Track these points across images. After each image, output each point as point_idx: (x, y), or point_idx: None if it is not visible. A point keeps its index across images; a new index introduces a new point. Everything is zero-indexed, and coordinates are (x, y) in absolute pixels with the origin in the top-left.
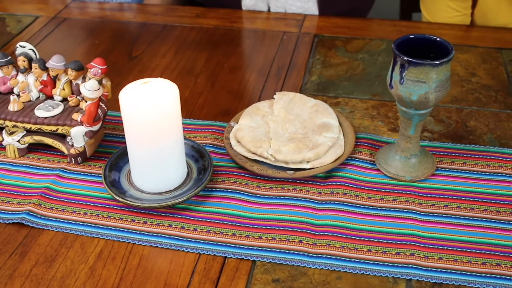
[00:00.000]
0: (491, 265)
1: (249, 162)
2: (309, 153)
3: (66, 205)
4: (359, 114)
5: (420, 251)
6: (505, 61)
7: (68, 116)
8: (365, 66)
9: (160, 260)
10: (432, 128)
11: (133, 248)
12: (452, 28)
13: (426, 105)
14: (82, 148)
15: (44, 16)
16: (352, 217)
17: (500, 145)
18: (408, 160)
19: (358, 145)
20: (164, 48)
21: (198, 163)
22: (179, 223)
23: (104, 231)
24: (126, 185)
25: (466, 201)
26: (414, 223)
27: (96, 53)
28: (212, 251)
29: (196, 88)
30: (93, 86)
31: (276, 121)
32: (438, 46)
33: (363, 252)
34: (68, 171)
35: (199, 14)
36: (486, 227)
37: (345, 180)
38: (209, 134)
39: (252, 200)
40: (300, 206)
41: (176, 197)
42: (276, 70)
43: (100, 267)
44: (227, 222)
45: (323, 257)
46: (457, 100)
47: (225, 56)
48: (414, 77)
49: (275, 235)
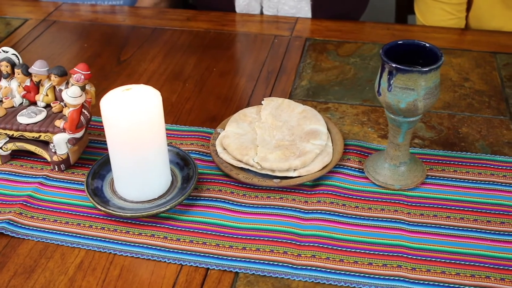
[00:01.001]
0: (480, 277)
1: (235, 170)
2: (296, 161)
3: (47, 213)
4: (349, 120)
5: (408, 263)
6: (499, 66)
7: (51, 122)
8: (356, 71)
9: (141, 271)
10: (423, 135)
11: (114, 258)
12: (446, 32)
13: (415, 113)
14: (65, 155)
15: (34, 19)
16: (339, 227)
17: (492, 152)
18: (397, 168)
19: (346, 152)
20: (153, 52)
21: (183, 171)
22: (161, 233)
23: (85, 241)
24: (109, 193)
25: (456, 210)
26: (402, 233)
27: (84, 57)
28: (195, 262)
29: (184, 93)
30: (75, 92)
31: (263, 127)
32: (427, 52)
33: (349, 263)
34: (51, 179)
35: (190, 17)
36: (476, 238)
37: (333, 188)
38: (195, 141)
39: (237, 209)
40: (286, 215)
41: (160, 206)
42: (266, 75)
43: (80, 278)
44: (210, 232)
45: (308, 269)
46: (449, 106)
47: (214, 60)
48: (402, 84)
49: (259, 245)
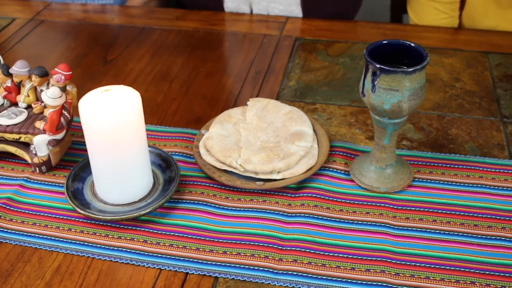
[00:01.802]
0: (465, 283)
1: (218, 172)
2: (280, 163)
3: (27, 216)
4: (336, 121)
5: (391, 268)
6: (491, 66)
7: (31, 124)
8: (345, 71)
9: (119, 275)
10: (412, 136)
11: (93, 262)
12: (438, 31)
13: (400, 114)
14: (46, 157)
15: (22, 18)
16: (322, 231)
17: (482, 154)
18: (383, 171)
19: (333, 154)
20: (141, 51)
21: (165, 173)
22: (141, 236)
23: (64, 244)
24: (89, 196)
25: (443, 214)
26: (386, 237)
27: (70, 57)
28: (174, 267)
29: (170, 93)
30: (55, 93)
31: (248, 129)
32: (413, 52)
33: (331, 268)
34: (32, 181)
35: (180, 16)
36: (462, 242)
37: (317, 191)
38: (180, 142)
39: (219, 213)
40: (269, 219)
41: (140, 209)
42: (254, 75)
43: (56, 283)
44: (191, 236)
45: (289, 273)
46: (439, 107)
47: (202, 61)
48: (386, 85)
49: (240, 249)
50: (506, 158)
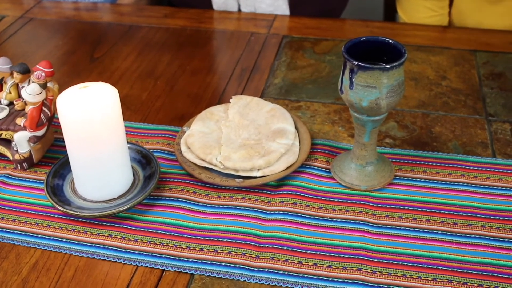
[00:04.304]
0: (442, 281)
1: (198, 169)
2: (260, 160)
3: (6, 213)
4: (320, 119)
5: (368, 266)
6: (478, 64)
7: (12, 120)
8: (331, 69)
9: (95, 272)
10: (395, 134)
11: (70, 259)
12: (426, 29)
13: (378, 112)
14: (28, 154)
15: (10, 16)
16: (300, 229)
17: (464, 152)
18: (363, 168)
19: (314, 152)
20: (127, 49)
21: (145, 169)
22: (119, 233)
23: (42, 240)
24: (69, 192)
25: (423, 212)
26: (365, 235)
27: (58, 55)
28: (150, 263)
29: (154, 91)
30: (34, 90)
31: (230, 126)
32: (391, 49)
33: (308, 266)
34: (13, 177)
35: (168, 14)
36: (441, 240)
37: (297, 189)
38: (162, 140)
39: (198, 210)
40: (247, 216)
41: (119, 205)
42: (239, 73)
43: (33, 279)
44: (169, 233)
45: (265, 271)
46: (424, 105)
47: (188, 58)
48: (363, 82)
49: (217, 247)
50: (489, 156)
